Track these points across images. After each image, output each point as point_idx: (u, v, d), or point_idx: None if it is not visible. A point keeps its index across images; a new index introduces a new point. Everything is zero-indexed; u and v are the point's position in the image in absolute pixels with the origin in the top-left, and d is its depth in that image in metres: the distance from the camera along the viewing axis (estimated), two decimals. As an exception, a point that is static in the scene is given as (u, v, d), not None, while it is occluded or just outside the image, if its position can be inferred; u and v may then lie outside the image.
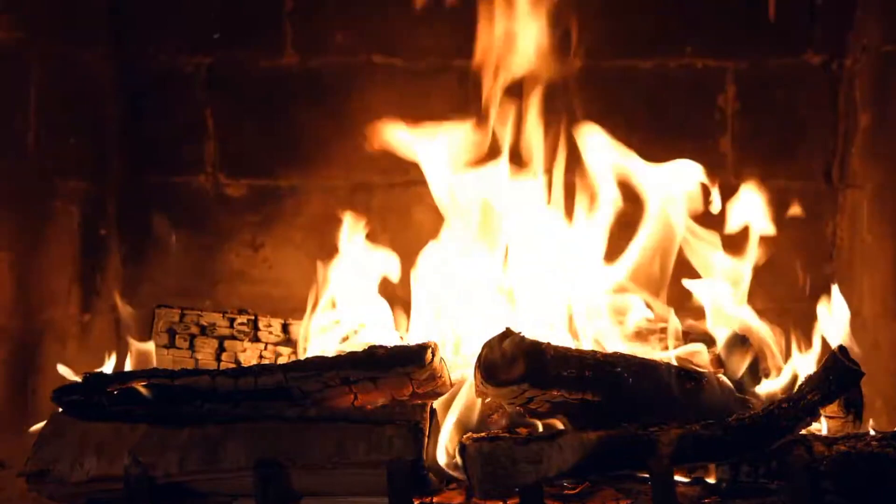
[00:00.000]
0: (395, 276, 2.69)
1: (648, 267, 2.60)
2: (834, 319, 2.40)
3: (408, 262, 2.69)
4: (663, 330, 2.51)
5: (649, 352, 2.43)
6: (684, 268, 2.64)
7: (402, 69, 3.03)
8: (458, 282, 2.61)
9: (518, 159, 2.70)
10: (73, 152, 2.83)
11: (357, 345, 2.46)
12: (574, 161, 2.71)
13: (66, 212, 2.82)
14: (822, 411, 2.16)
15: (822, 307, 2.44)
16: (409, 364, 2.20)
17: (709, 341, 2.51)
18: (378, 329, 2.59)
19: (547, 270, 2.60)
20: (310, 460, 2.11)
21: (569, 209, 2.69)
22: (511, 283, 2.60)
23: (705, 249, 2.60)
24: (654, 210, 2.63)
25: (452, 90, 2.93)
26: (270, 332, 2.68)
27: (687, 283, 2.60)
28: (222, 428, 2.15)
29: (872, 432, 2.19)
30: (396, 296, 2.70)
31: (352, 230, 2.74)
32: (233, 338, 2.68)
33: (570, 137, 2.72)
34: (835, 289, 2.43)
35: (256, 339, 2.68)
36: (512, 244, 2.64)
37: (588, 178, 2.67)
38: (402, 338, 2.62)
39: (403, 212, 2.96)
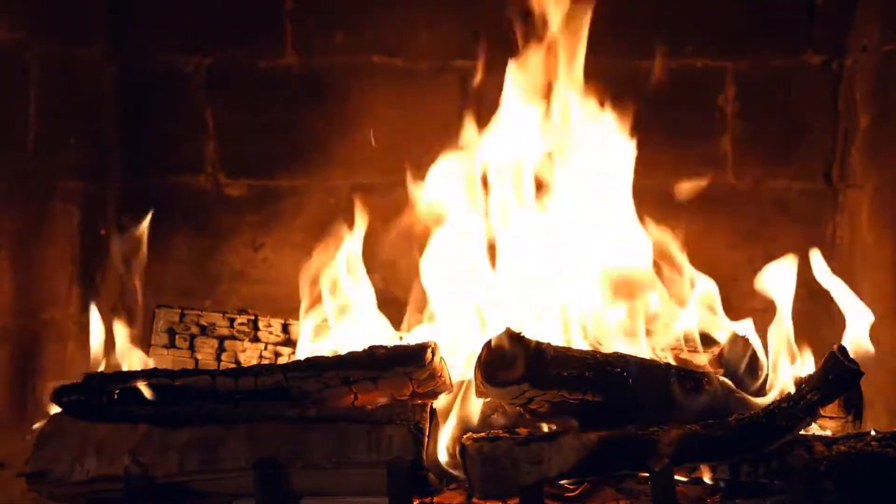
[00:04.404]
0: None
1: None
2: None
3: (408, 262, 2.70)
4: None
5: (650, 352, 2.43)
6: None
7: (402, 69, 3.02)
8: (461, 282, 2.61)
9: (519, 161, 2.70)
10: (73, 152, 2.83)
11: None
12: (574, 162, 2.71)
13: (66, 212, 2.82)
14: (821, 411, 2.16)
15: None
16: (409, 364, 2.20)
17: (709, 341, 2.51)
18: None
19: (548, 269, 2.60)
20: (310, 460, 2.11)
21: (568, 209, 2.69)
22: (512, 283, 2.60)
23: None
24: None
25: (452, 90, 2.93)
26: (270, 332, 2.68)
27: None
28: (222, 428, 2.16)
29: (873, 432, 2.19)
30: (396, 296, 2.70)
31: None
32: (233, 338, 2.68)
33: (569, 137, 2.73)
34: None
35: (256, 339, 2.68)
36: (513, 244, 2.64)
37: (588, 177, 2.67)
38: (401, 338, 2.62)
39: (403, 212, 2.95)
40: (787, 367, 2.36)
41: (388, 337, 2.61)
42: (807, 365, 2.40)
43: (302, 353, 2.54)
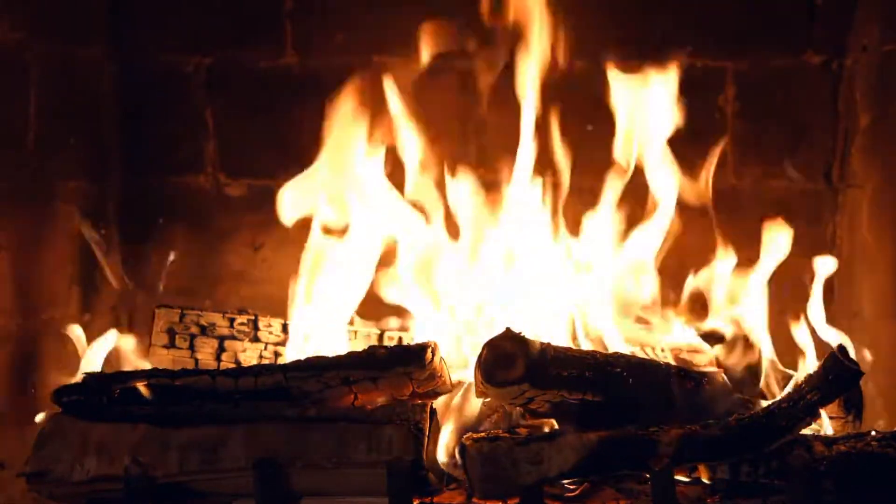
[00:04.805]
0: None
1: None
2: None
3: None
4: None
5: (650, 352, 2.43)
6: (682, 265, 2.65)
7: (402, 69, 3.02)
8: (460, 281, 2.61)
9: (517, 160, 2.70)
10: (73, 152, 2.83)
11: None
12: (573, 162, 2.72)
13: (66, 212, 2.82)
14: (821, 411, 2.16)
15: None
16: (409, 364, 2.20)
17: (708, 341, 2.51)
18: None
19: (548, 269, 2.60)
20: (310, 460, 2.11)
21: (567, 209, 2.69)
22: (512, 283, 2.60)
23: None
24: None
25: (453, 90, 2.93)
26: (270, 332, 2.68)
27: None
28: (222, 428, 2.16)
29: (873, 432, 2.19)
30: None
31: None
32: (233, 338, 2.68)
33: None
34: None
35: (256, 339, 2.68)
36: (513, 244, 2.64)
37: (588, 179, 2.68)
38: (401, 338, 2.62)
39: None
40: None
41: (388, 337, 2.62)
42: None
43: (293, 352, 2.55)
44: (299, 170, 2.95)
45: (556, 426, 2.22)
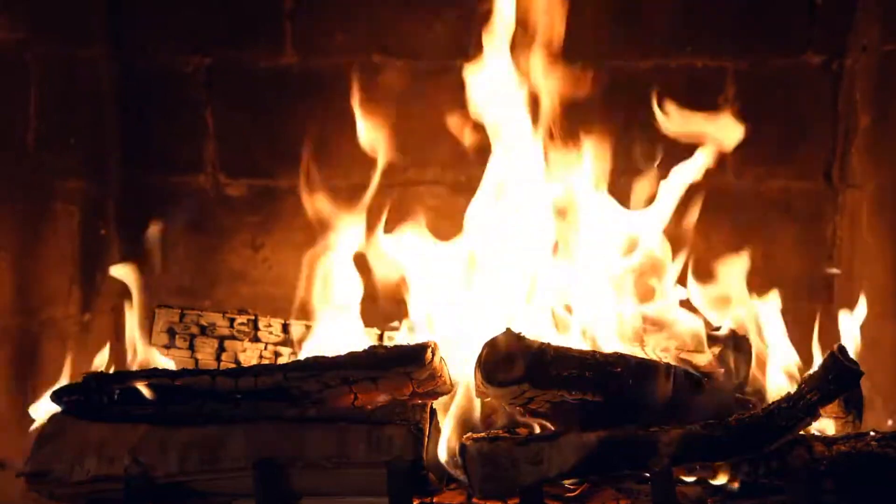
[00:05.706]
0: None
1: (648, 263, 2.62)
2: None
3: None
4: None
5: (649, 351, 2.43)
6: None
7: (402, 69, 3.02)
8: (458, 280, 2.61)
9: (518, 161, 2.70)
10: (73, 152, 2.83)
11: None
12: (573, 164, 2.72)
13: (66, 212, 2.82)
14: (822, 411, 2.16)
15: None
16: (409, 364, 2.20)
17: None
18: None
19: (546, 268, 2.60)
20: (310, 460, 2.11)
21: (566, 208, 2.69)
22: (509, 281, 2.60)
23: None
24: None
25: (453, 90, 2.92)
26: (270, 332, 2.68)
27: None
28: (222, 428, 2.16)
29: (872, 432, 2.19)
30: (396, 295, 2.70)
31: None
32: (233, 338, 2.68)
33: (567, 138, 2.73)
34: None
35: (256, 339, 2.68)
36: (512, 244, 2.64)
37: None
38: (391, 337, 2.62)
39: (403, 212, 2.95)
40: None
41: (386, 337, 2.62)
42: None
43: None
44: (299, 170, 2.96)
45: (556, 427, 2.21)
